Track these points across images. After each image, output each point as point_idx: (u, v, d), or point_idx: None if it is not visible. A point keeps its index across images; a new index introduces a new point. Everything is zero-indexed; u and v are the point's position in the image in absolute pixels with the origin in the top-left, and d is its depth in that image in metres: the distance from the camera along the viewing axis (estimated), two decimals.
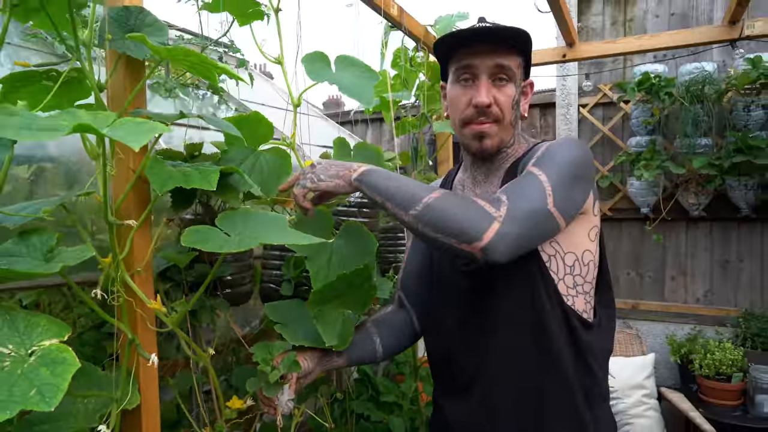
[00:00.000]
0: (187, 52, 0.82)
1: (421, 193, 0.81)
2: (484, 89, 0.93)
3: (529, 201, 0.80)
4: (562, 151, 0.88)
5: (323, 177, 0.92)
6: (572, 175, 0.87)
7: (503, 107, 0.94)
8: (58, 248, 0.77)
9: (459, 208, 0.78)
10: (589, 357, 0.94)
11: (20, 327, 0.68)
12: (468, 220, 0.76)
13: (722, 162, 2.35)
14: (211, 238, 0.82)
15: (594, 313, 0.96)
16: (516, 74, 0.96)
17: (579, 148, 0.91)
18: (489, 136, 0.95)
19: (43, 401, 0.59)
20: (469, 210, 0.78)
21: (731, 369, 2.28)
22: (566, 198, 0.84)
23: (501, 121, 0.95)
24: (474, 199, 0.81)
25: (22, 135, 0.58)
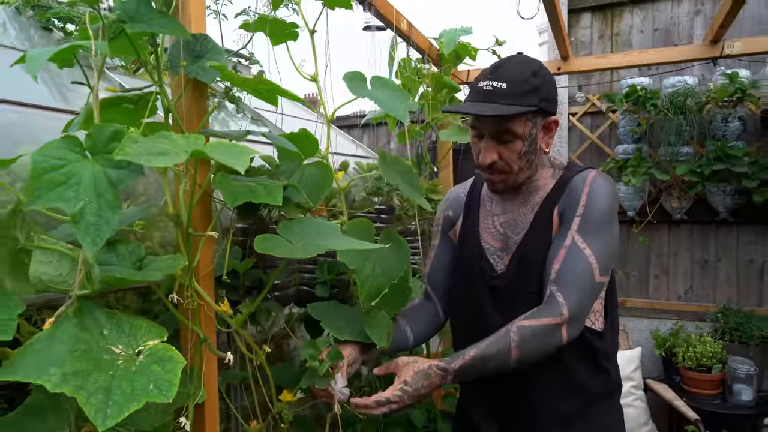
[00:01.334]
0: (259, 80, 0.91)
1: (504, 356, 0.93)
2: (487, 151, 1.01)
3: (581, 286, 0.95)
4: (601, 206, 0.99)
5: (419, 393, 0.94)
6: (610, 230, 1.00)
7: (508, 162, 1.02)
8: (147, 257, 0.85)
9: (535, 342, 0.93)
10: (603, 360, 1.06)
11: (126, 329, 0.76)
12: (547, 344, 0.94)
13: (703, 169, 2.53)
14: (279, 245, 0.91)
15: (605, 315, 1.08)
16: (523, 132, 1.00)
17: (611, 192, 1.02)
18: (498, 184, 1.05)
19: (161, 394, 0.68)
20: (543, 337, 0.93)
21: (711, 361, 2.45)
22: (608, 259, 0.99)
23: (508, 173, 1.03)
24: (539, 322, 0.93)
25: (150, 161, 0.66)
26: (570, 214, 1.00)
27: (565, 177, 1.07)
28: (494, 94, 0.98)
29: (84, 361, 0.68)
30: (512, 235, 1.09)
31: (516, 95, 0.97)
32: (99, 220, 0.66)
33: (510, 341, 0.93)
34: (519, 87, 0.98)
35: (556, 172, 1.09)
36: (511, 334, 0.93)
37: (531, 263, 1.04)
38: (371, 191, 1.75)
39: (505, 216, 1.11)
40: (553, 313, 0.94)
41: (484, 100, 0.98)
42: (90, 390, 0.64)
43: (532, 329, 0.93)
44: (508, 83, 0.98)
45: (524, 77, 0.99)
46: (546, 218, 1.05)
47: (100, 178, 0.67)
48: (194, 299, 0.92)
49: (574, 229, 0.98)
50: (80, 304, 0.74)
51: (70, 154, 0.67)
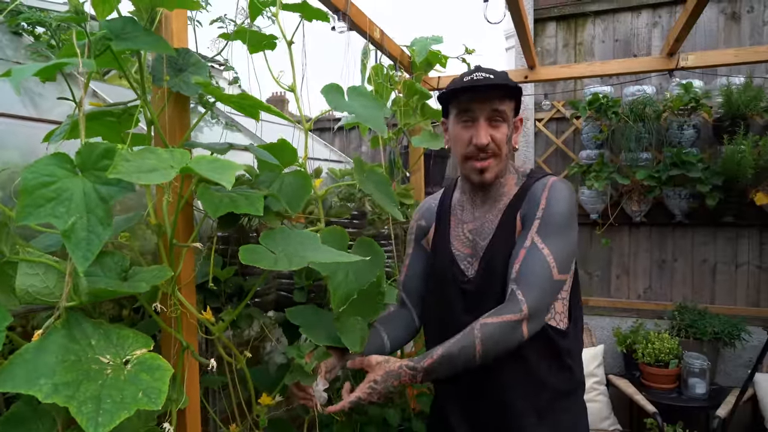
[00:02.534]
0: (243, 96, 0.94)
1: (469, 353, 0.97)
2: (483, 130, 1.09)
3: (539, 284, 1.01)
4: (560, 209, 1.06)
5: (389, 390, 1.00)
6: (568, 231, 1.07)
7: (499, 144, 1.10)
8: (132, 268, 0.87)
9: (498, 337, 0.98)
10: (567, 358, 1.12)
11: (113, 339, 0.78)
12: (509, 340, 0.99)
13: (660, 174, 2.66)
14: (263, 257, 0.94)
15: (569, 315, 1.14)
16: (509, 116, 1.12)
17: (570, 197, 1.09)
18: (489, 170, 1.11)
19: (150, 402, 0.71)
20: (505, 334, 0.98)
21: (668, 356, 2.59)
22: (566, 259, 1.05)
23: (498, 156, 1.11)
24: (501, 319, 0.98)
25: (141, 178, 0.69)
26: (531, 216, 1.07)
27: (526, 184, 1.14)
28: (487, 81, 1.07)
29: (74, 372, 0.70)
30: (480, 241, 1.15)
31: (506, 81, 1.09)
32: (90, 235, 0.68)
33: (474, 338, 0.97)
34: (504, 79, 1.09)
35: (519, 179, 1.17)
36: (475, 331, 0.98)
37: (497, 267, 1.10)
38: (344, 197, 1.79)
39: (474, 223, 1.18)
40: (513, 310, 0.99)
41: (481, 85, 1.07)
42: (81, 399, 0.67)
43: (494, 326, 0.98)
44: (494, 75, 1.09)
45: (502, 73, 1.11)
46: (510, 223, 1.11)
47: (90, 195, 0.69)
48: (177, 308, 0.95)
49: (533, 231, 1.05)
50: (68, 315, 0.76)
51: (60, 170, 0.69)
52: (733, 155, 2.45)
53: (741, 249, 2.85)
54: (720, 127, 2.65)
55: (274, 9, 1.22)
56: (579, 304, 1.18)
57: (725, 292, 2.89)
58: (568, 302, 1.13)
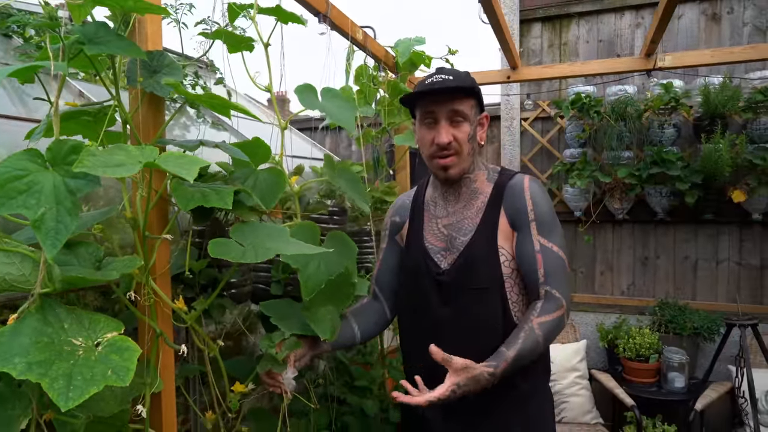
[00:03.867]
0: (211, 96, 0.99)
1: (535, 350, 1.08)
2: (444, 130, 1.15)
3: (563, 278, 1.14)
4: (546, 207, 1.16)
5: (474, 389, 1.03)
6: (558, 223, 1.18)
7: (461, 142, 1.16)
8: (106, 258, 0.92)
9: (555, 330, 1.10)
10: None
11: (86, 324, 0.84)
12: (560, 331, 1.12)
13: (641, 172, 2.71)
14: (231, 249, 1.00)
15: None
16: (470, 114, 1.17)
17: (546, 193, 1.19)
18: (452, 167, 1.17)
19: (119, 379, 0.76)
20: (558, 326, 1.11)
21: (649, 351, 2.64)
22: (567, 250, 1.19)
23: (460, 154, 1.17)
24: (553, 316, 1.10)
25: (106, 172, 0.74)
26: (523, 220, 1.15)
27: (501, 181, 1.21)
28: (445, 83, 1.12)
29: (47, 352, 0.75)
30: (458, 236, 1.20)
31: (463, 82, 1.14)
32: (58, 225, 0.74)
33: (537, 336, 1.07)
34: (462, 80, 1.14)
35: (491, 175, 1.23)
36: (536, 330, 1.07)
37: (477, 261, 1.16)
38: (325, 194, 1.84)
39: (449, 219, 1.22)
40: (557, 306, 1.10)
41: (439, 85, 1.12)
42: (53, 376, 0.72)
43: (550, 323, 1.09)
44: (453, 77, 1.14)
45: (463, 75, 1.16)
46: (492, 220, 1.17)
47: (59, 187, 0.75)
48: (150, 297, 1.00)
49: (535, 234, 1.14)
50: (42, 301, 0.81)
51: (31, 165, 0.75)
52: (712, 154, 2.50)
53: (721, 246, 2.90)
54: (699, 126, 2.70)
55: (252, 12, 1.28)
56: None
57: (706, 288, 2.94)
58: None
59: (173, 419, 1.11)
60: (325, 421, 1.62)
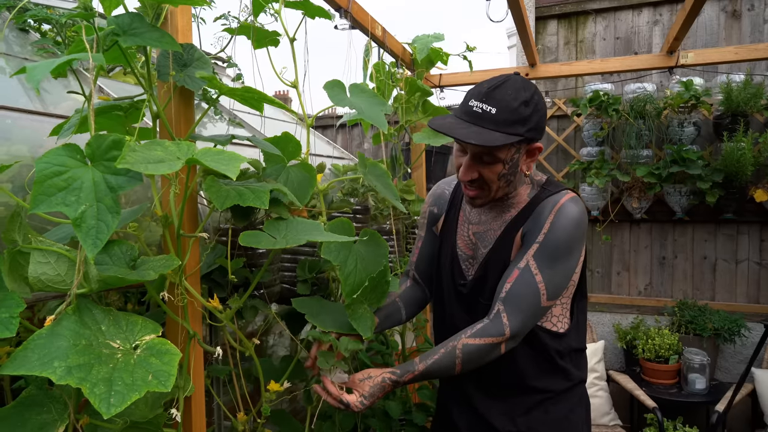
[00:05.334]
0: (247, 89, 0.96)
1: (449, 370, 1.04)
2: (467, 168, 1.04)
3: (526, 309, 1.03)
4: (561, 236, 1.02)
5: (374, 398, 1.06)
6: (566, 259, 1.04)
7: (488, 181, 1.05)
8: (140, 258, 0.89)
9: (477, 357, 1.03)
10: (560, 360, 1.13)
11: (123, 325, 0.81)
12: (488, 359, 1.04)
13: (661, 171, 2.68)
14: (263, 239, 0.97)
15: (570, 316, 1.15)
16: (505, 156, 1.02)
17: (577, 221, 1.02)
18: (478, 198, 1.09)
19: (160, 384, 0.73)
20: (484, 354, 1.03)
21: (668, 352, 2.60)
22: (558, 287, 1.05)
23: (487, 190, 1.07)
24: (482, 341, 1.02)
25: (148, 168, 0.71)
26: (531, 237, 1.05)
27: (537, 198, 1.10)
28: (482, 117, 0.98)
29: (86, 355, 0.72)
30: (481, 246, 1.16)
31: (504, 123, 0.97)
32: (99, 223, 0.71)
33: (455, 357, 1.03)
34: (508, 114, 0.97)
35: (532, 190, 1.12)
36: (457, 351, 1.03)
37: (488, 278, 1.12)
38: (347, 192, 1.81)
39: (479, 227, 1.18)
40: (496, 332, 1.02)
41: (471, 121, 0.99)
42: (93, 381, 0.69)
43: (476, 347, 1.02)
44: (498, 109, 0.97)
45: (515, 105, 0.98)
46: (510, 238, 1.10)
47: (100, 184, 0.72)
48: (184, 297, 0.97)
49: (530, 254, 1.04)
50: (78, 302, 0.78)
51: (71, 161, 0.72)
52: (733, 152, 2.46)
53: (741, 245, 2.87)
54: (720, 125, 2.66)
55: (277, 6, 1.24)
56: (584, 308, 1.19)
57: (725, 289, 2.90)
58: (569, 305, 1.14)
59: (203, 422, 1.09)
60: (349, 423, 1.59)
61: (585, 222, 1.07)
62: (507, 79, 1.03)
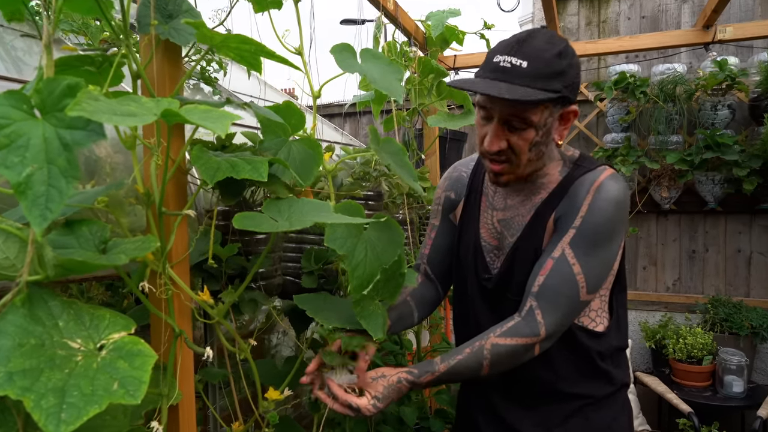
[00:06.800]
0: (243, 39, 0.81)
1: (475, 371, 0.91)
2: (495, 135, 0.90)
3: (563, 304, 0.90)
4: (602, 220, 0.89)
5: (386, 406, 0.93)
6: (608, 246, 0.91)
7: (517, 150, 0.90)
8: (113, 240, 0.74)
9: (508, 359, 0.91)
10: (602, 362, 1.00)
11: (86, 321, 0.66)
12: (520, 360, 0.92)
13: (693, 158, 2.50)
14: (263, 222, 0.82)
15: (610, 312, 1.01)
16: (539, 119, 0.88)
17: (618, 201, 0.90)
18: (503, 174, 0.94)
19: (128, 394, 0.58)
20: (515, 356, 0.91)
21: (701, 352, 2.43)
22: (599, 277, 0.92)
23: (516, 162, 0.92)
24: (514, 341, 0.90)
25: (113, 120, 0.56)
26: (566, 222, 0.92)
27: (571, 176, 0.95)
28: (513, 72, 0.85)
29: (34, 358, 0.57)
30: (507, 235, 1.02)
31: (538, 77, 0.85)
32: (50, 189, 0.55)
33: (483, 358, 0.90)
34: (542, 68, 0.85)
35: (564, 168, 0.97)
36: (485, 351, 0.91)
37: (516, 271, 0.99)
38: (358, 176, 1.66)
39: (504, 213, 1.03)
40: (529, 332, 0.90)
41: (500, 78, 0.85)
42: (40, 392, 0.54)
43: (506, 348, 0.90)
44: (530, 62, 0.84)
45: (549, 57, 0.85)
46: (541, 224, 0.97)
47: (51, 141, 0.56)
48: (168, 287, 0.82)
49: (566, 241, 0.90)
50: (30, 291, 0.63)
51: (15, 112, 0.56)
52: None
53: None
54: (757, 107, 2.47)
55: None
56: (623, 297, 1.05)
57: (761, 284, 2.71)
58: (608, 298, 1.01)
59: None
60: (362, 430, 1.44)
61: (627, 202, 0.93)
62: (534, 31, 0.89)
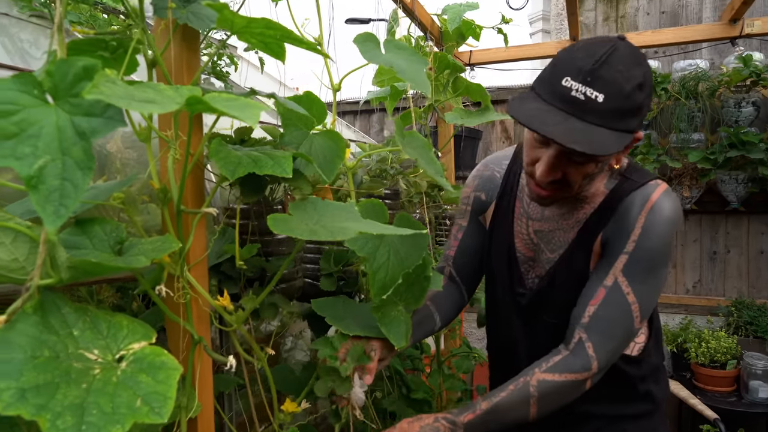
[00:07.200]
0: (268, 24, 0.75)
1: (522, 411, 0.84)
2: (549, 167, 0.80)
3: (616, 336, 0.84)
4: (657, 244, 0.82)
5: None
6: (661, 270, 0.84)
7: (572, 182, 0.83)
8: (129, 240, 0.68)
9: (557, 398, 0.84)
10: (642, 385, 0.95)
11: (103, 329, 0.60)
12: (570, 398, 0.85)
13: (717, 156, 2.42)
14: (297, 226, 0.76)
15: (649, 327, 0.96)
16: (606, 156, 0.79)
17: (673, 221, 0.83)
18: (549, 199, 0.87)
19: (152, 412, 0.52)
20: (566, 394, 0.84)
21: (725, 357, 2.35)
22: (650, 304, 0.86)
23: (564, 190, 0.85)
24: (564, 378, 0.83)
25: (132, 105, 0.50)
26: (617, 246, 0.84)
27: (619, 191, 0.87)
28: (585, 107, 0.73)
29: (48, 372, 0.51)
30: (546, 250, 0.95)
31: (613, 115, 0.73)
32: (64, 183, 0.50)
33: (529, 396, 0.83)
34: (620, 103, 0.73)
35: (610, 180, 0.89)
36: (531, 388, 0.83)
37: (555, 291, 0.92)
38: (375, 174, 1.60)
39: (542, 224, 0.96)
40: (580, 367, 0.83)
41: (570, 111, 0.74)
42: (56, 410, 0.48)
43: (555, 385, 0.83)
44: (607, 96, 0.72)
45: (629, 91, 0.73)
46: (587, 244, 0.89)
47: (65, 129, 0.51)
48: (186, 291, 0.76)
49: (618, 268, 0.83)
50: (42, 297, 0.57)
51: (25, 97, 0.51)
52: None
53: None
54: None
55: None
56: (656, 310, 0.98)
57: None
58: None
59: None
60: None
61: (681, 220, 0.86)
62: (613, 47, 0.75)
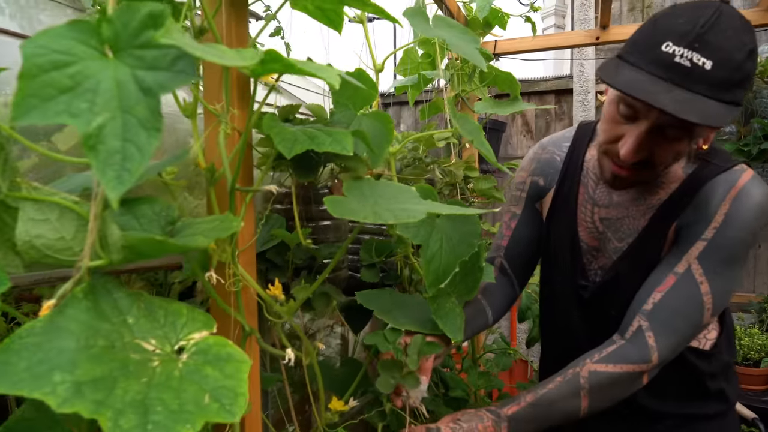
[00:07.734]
0: None
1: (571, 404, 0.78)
2: (637, 144, 0.73)
3: (682, 329, 0.77)
4: (740, 233, 0.75)
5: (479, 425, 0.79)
6: (740, 262, 0.78)
7: (658, 161, 0.76)
8: (181, 220, 0.62)
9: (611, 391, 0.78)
10: (712, 382, 0.89)
11: (160, 317, 0.53)
12: (626, 392, 0.79)
13: (750, 148, 2.35)
14: (358, 209, 0.69)
15: (720, 323, 0.90)
16: (702, 131, 0.74)
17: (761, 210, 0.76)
18: (625, 180, 0.80)
19: (223, 409, 0.46)
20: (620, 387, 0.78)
21: (759, 354, 2.28)
22: (725, 298, 0.79)
23: (649, 172, 0.78)
24: (619, 369, 0.76)
25: (208, 55, 0.43)
26: (694, 232, 0.77)
27: (699, 175, 0.80)
28: (693, 76, 0.66)
29: (105, 363, 0.45)
30: (613, 239, 0.88)
31: (722, 85, 0.66)
32: (126, 145, 0.43)
33: (579, 388, 0.77)
34: (730, 72, 0.66)
35: (689, 165, 0.83)
36: (581, 380, 0.77)
37: (621, 283, 0.86)
38: (409, 163, 1.53)
39: (609, 210, 0.89)
40: (638, 358, 0.77)
41: (675, 81, 0.67)
42: (117, 407, 0.42)
43: (608, 376, 0.77)
44: (716, 63, 0.66)
45: (740, 59, 0.66)
46: (660, 233, 0.83)
47: (127, 84, 0.44)
48: (238, 279, 0.70)
49: (693, 254, 0.76)
50: (93, 281, 0.51)
51: (81, 47, 0.44)
52: None
53: None
54: None
55: None
56: (728, 309, 0.93)
57: None
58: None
59: None
60: None
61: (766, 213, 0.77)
62: (719, 10, 0.68)
